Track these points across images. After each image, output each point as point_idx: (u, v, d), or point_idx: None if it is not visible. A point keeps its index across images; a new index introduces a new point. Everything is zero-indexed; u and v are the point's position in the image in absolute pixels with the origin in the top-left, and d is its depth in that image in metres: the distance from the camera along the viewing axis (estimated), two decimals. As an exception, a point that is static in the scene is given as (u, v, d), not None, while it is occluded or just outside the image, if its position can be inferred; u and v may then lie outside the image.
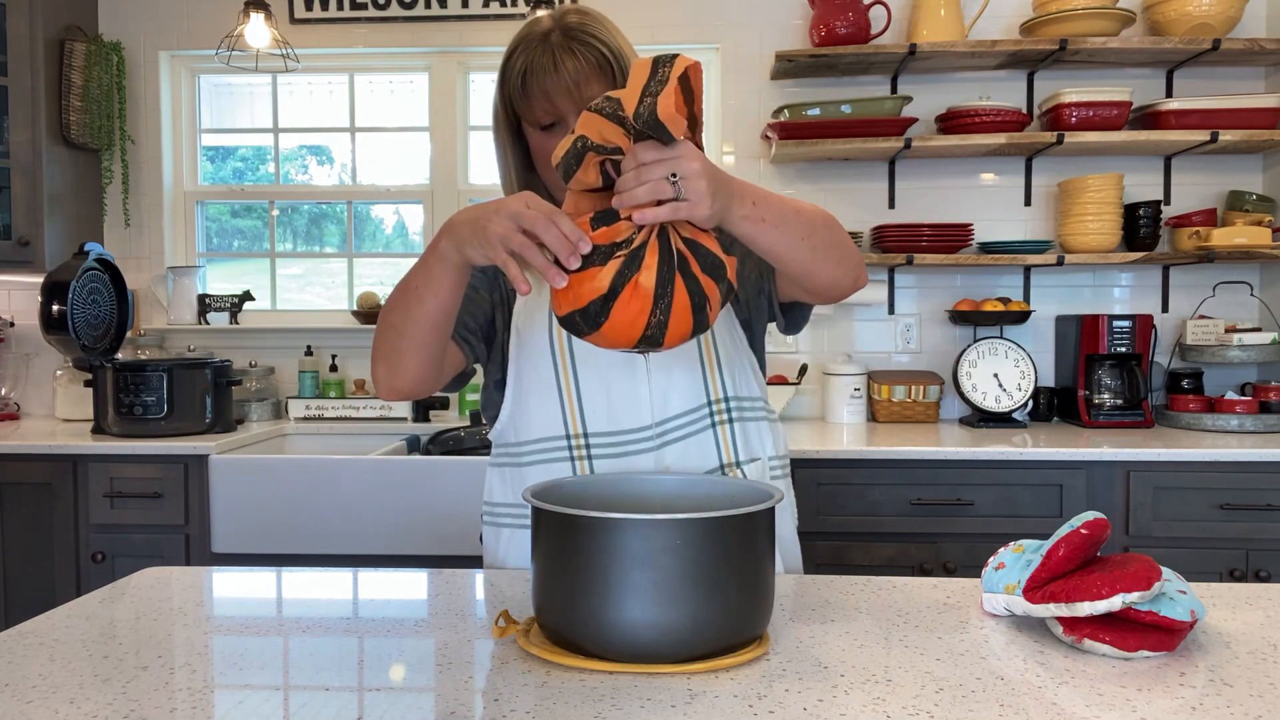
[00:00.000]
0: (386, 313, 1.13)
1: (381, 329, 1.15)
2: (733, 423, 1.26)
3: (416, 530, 2.41)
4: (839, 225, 1.13)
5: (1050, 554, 0.93)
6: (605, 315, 0.91)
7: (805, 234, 1.05)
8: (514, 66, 1.21)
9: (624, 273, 0.91)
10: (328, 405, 2.96)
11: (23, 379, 3.20)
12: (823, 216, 1.10)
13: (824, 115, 2.75)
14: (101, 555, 2.50)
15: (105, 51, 3.00)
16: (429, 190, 3.19)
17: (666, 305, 0.91)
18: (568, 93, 1.17)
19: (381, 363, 1.16)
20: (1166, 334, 2.95)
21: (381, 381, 1.17)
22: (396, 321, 1.11)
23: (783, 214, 1.03)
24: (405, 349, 1.12)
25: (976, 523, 2.33)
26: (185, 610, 1.04)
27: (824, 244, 1.08)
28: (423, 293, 1.07)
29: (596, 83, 1.18)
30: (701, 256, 0.95)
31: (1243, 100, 2.70)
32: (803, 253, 1.06)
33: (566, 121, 1.19)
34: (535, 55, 1.18)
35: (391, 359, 1.14)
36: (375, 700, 0.79)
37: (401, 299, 1.10)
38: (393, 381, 1.16)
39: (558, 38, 1.18)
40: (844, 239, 1.12)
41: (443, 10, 3.05)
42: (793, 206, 1.06)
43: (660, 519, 0.83)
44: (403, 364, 1.14)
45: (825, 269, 1.10)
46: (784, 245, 1.04)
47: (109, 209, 3.16)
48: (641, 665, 0.84)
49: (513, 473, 1.29)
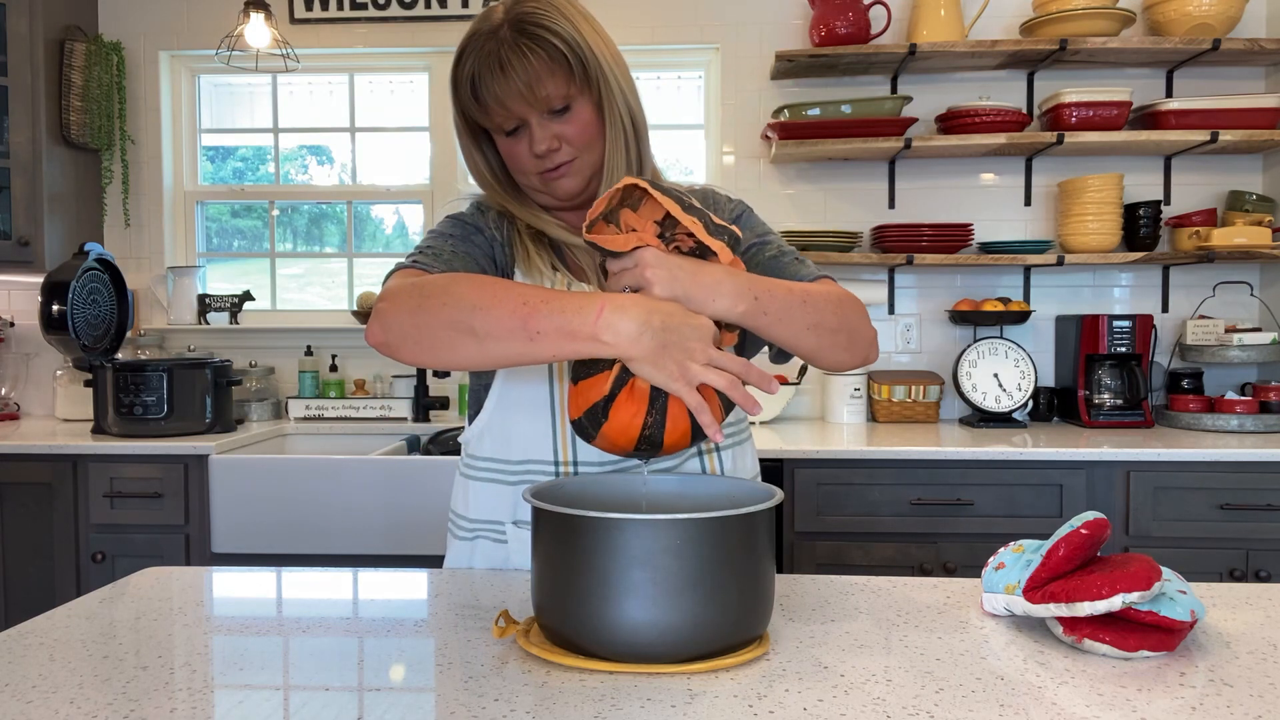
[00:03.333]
0: (470, 308, 0.93)
1: (442, 312, 0.94)
2: (719, 450, 1.23)
3: (416, 530, 2.41)
4: (851, 305, 1.09)
5: (1050, 554, 0.93)
6: (605, 416, 0.94)
7: (811, 324, 1.03)
8: (464, 71, 1.12)
9: (623, 376, 0.94)
10: (328, 405, 2.96)
11: (23, 379, 3.20)
12: (833, 301, 1.06)
13: (824, 115, 2.75)
14: (101, 555, 2.50)
15: (105, 51, 3.01)
16: (429, 190, 3.19)
17: (662, 406, 0.94)
18: (520, 96, 1.09)
19: (407, 323, 0.96)
20: (1166, 334, 2.95)
21: (389, 332, 0.98)
22: (482, 329, 0.92)
23: (788, 305, 1.01)
24: (467, 353, 0.94)
25: (976, 523, 2.33)
26: (185, 610, 1.04)
27: (830, 331, 1.05)
28: (541, 345, 0.91)
29: (551, 79, 1.09)
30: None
31: (1243, 100, 2.70)
32: (808, 342, 1.04)
33: (529, 124, 1.12)
34: (482, 56, 1.09)
35: (432, 343, 0.95)
36: (375, 700, 0.79)
37: (508, 321, 0.91)
38: (397, 344, 0.98)
39: (506, 33, 1.09)
40: (855, 322, 1.09)
41: (443, 10, 3.05)
42: (800, 295, 1.03)
43: (660, 519, 0.83)
44: (448, 356, 0.96)
45: (831, 356, 1.08)
46: (788, 336, 1.03)
47: (109, 209, 3.16)
48: (641, 665, 0.84)
49: (494, 488, 1.22)
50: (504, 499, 1.22)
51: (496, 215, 1.23)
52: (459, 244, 1.16)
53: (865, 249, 2.98)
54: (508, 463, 1.22)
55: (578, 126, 1.14)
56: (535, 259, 1.20)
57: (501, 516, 1.23)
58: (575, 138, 1.14)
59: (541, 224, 1.21)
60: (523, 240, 1.21)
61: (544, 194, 1.20)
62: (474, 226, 1.20)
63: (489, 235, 1.20)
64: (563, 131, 1.14)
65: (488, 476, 1.24)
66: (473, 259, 1.15)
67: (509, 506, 1.22)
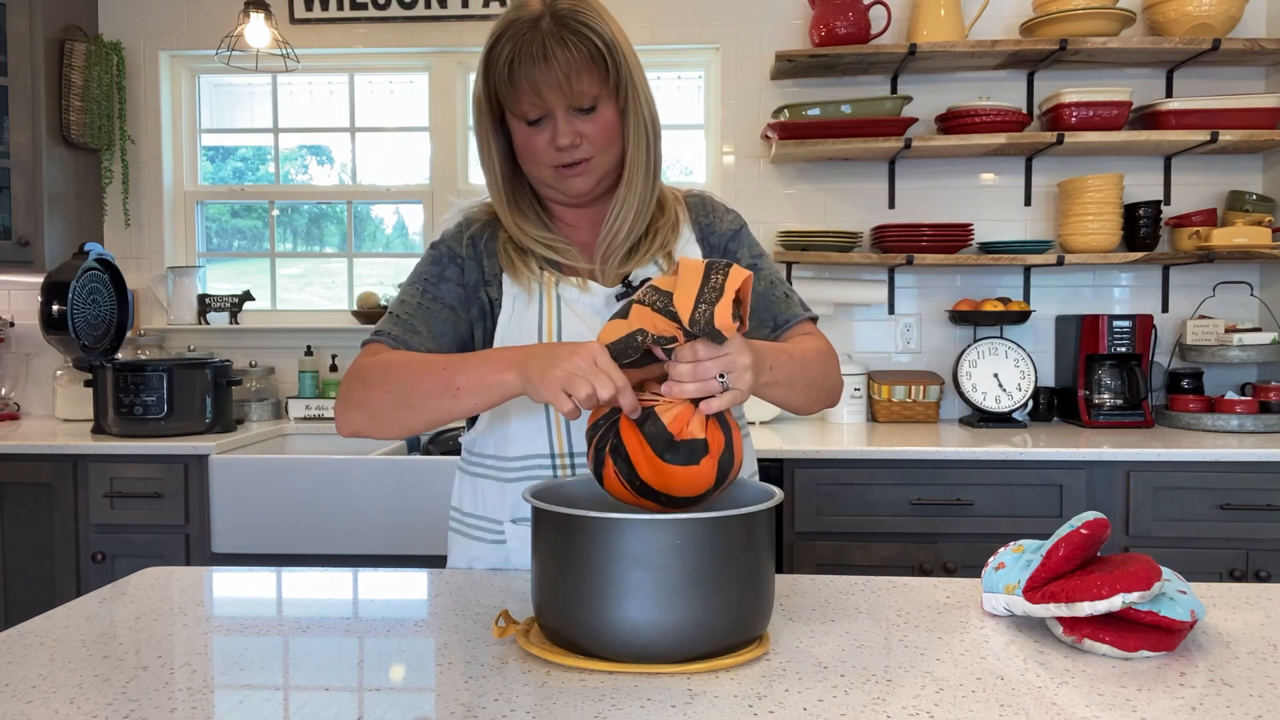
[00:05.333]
0: (402, 384, 1.08)
1: (382, 391, 1.10)
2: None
3: (416, 530, 2.41)
4: (832, 361, 1.21)
5: (1050, 554, 0.93)
6: (601, 481, 0.97)
7: (805, 385, 1.14)
8: (500, 54, 1.13)
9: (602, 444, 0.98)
10: (328, 405, 2.96)
11: (23, 379, 3.20)
12: (820, 361, 1.17)
13: (824, 115, 2.75)
14: (101, 555, 2.50)
15: (105, 51, 3.01)
16: (429, 190, 3.19)
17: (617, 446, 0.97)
18: (558, 86, 1.11)
19: (361, 413, 1.12)
20: (1166, 334, 2.95)
21: (354, 425, 1.14)
22: (415, 401, 1.07)
23: (791, 374, 1.10)
24: (405, 420, 1.10)
25: (976, 523, 2.33)
26: (185, 610, 1.04)
27: (816, 389, 1.17)
28: (465, 397, 1.04)
29: (588, 76, 1.12)
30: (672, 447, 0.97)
31: (1243, 100, 2.70)
32: (798, 400, 1.16)
33: (555, 116, 1.14)
34: (524, 43, 1.11)
35: (380, 420, 1.11)
36: (375, 700, 0.79)
37: (434, 386, 1.06)
38: (369, 432, 1.13)
39: (548, 24, 1.11)
40: (833, 380, 1.21)
41: (443, 10, 3.05)
42: (799, 362, 1.12)
43: (660, 519, 0.83)
44: (390, 429, 1.11)
45: (808, 408, 1.20)
46: (786, 396, 1.13)
47: (109, 209, 3.16)
48: (641, 665, 0.84)
49: (494, 486, 1.24)
50: (503, 496, 1.23)
51: (480, 227, 1.26)
52: (429, 289, 1.23)
53: (865, 249, 2.98)
54: (506, 459, 1.23)
55: (600, 127, 1.16)
56: (520, 264, 1.23)
57: (500, 515, 1.23)
58: (596, 137, 1.17)
59: (524, 239, 1.23)
60: (506, 249, 1.24)
61: (552, 188, 1.22)
62: (449, 255, 1.25)
63: (463, 261, 1.24)
64: (585, 129, 1.16)
65: (486, 474, 1.25)
66: (441, 303, 1.23)
67: (508, 504, 1.23)
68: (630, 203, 1.21)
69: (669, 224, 1.26)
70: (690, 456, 0.92)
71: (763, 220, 2.99)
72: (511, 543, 1.22)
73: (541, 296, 1.21)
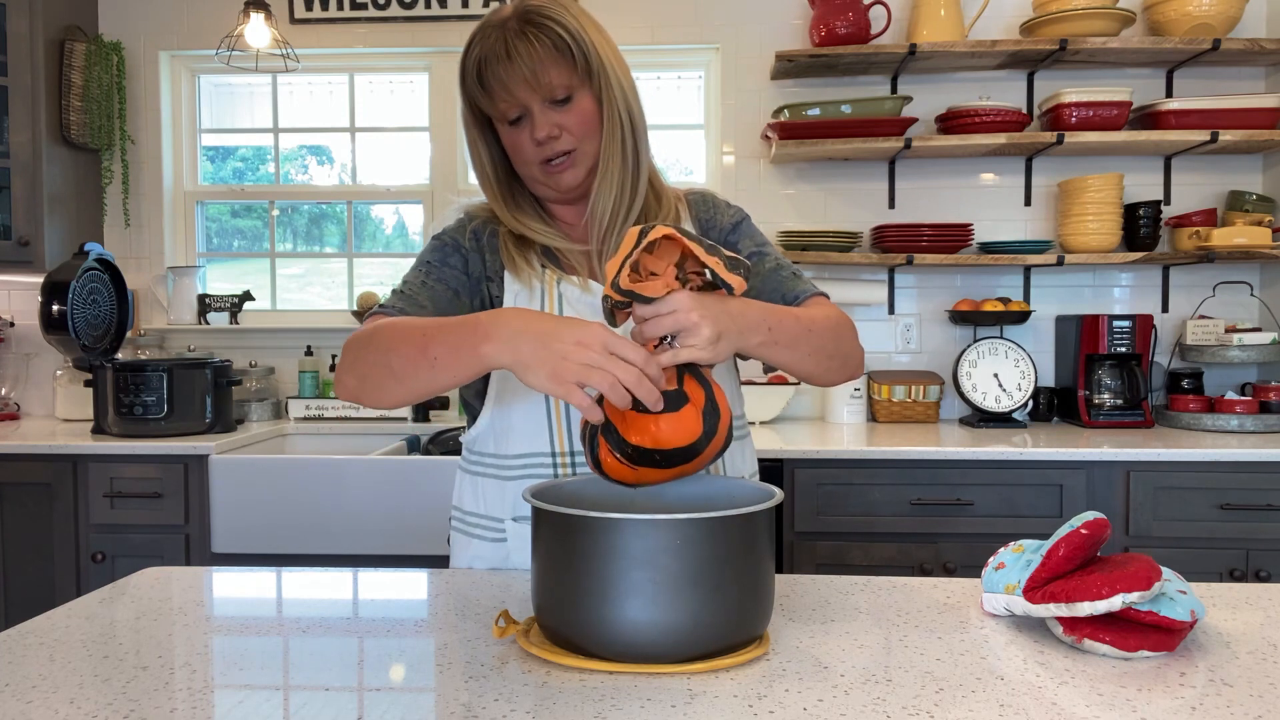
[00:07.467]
0: (385, 350, 1.05)
1: (370, 357, 1.06)
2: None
3: (416, 530, 2.41)
4: (846, 329, 1.16)
5: (1050, 554, 0.93)
6: (600, 467, 0.97)
7: (812, 350, 1.10)
8: (470, 58, 1.16)
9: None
10: (328, 405, 2.96)
11: (23, 379, 3.20)
12: (832, 327, 1.13)
13: (824, 115, 2.75)
14: (101, 555, 2.50)
15: (105, 51, 3.00)
16: (429, 190, 3.19)
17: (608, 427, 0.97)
18: (525, 81, 1.13)
19: (352, 376, 1.09)
20: (1166, 334, 2.95)
21: (348, 389, 1.10)
22: (396, 367, 1.03)
23: (795, 336, 1.07)
24: (393, 390, 1.06)
25: (976, 523, 2.33)
26: (185, 610, 1.04)
27: (828, 356, 1.13)
28: (441, 369, 0.99)
29: (554, 67, 1.14)
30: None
31: (1243, 100, 2.70)
32: (807, 366, 1.11)
33: (531, 112, 1.16)
34: (489, 44, 1.14)
35: (370, 386, 1.07)
36: (375, 700, 0.79)
37: (412, 354, 1.01)
38: (360, 398, 1.09)
39: (514, 23, 1.14)
40: (848, 347, 1.16)
41: (443, 10, 3.05)
42: (805, 325, 1.09)
43: (660, 519, 0.83)
44: (383, 396, 1.07)
45: (825, 377, 1.16)
46: (792, 361, 1.09)
47: (109, 209, 3.16)
48: (641, 665, 0.84)
49: (494, 485, 1.24)
50: (503, 494, 1.24)
51: (481, 224, 1.27)
52: (434, 271, 1.22)
53: (865, 249, 2.98)
54: (506, 457, 1.23)
55: (578, 117, 1.17)
56: (521, 261, 1.23)
57: (501, 513, 1.23)
58: (575, 127, 1.17)
59: (524, 230, 1.24)
60: (507, 246, 1.24)
61: (545, 186, 1.23)
62: (453, 245, 1.25)
63: (466, 252, 1.24)
64: (563, 121, 1.17)
65: (487, 473, 1.26)
66: (444, 285, 1.21)
67: (509, 502, 1.23)
68: (607, 189, 1.21)
69: (666, 218, 1.26)
70: (670, 405, 0.93)
71: (763, 220, 2.99)
72: (513, 540, 1.23)
73: (543, 294, 1.22)
